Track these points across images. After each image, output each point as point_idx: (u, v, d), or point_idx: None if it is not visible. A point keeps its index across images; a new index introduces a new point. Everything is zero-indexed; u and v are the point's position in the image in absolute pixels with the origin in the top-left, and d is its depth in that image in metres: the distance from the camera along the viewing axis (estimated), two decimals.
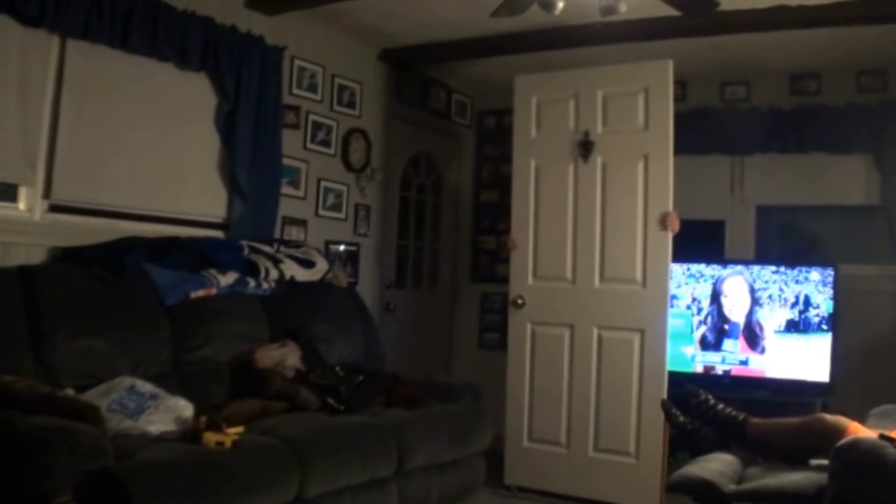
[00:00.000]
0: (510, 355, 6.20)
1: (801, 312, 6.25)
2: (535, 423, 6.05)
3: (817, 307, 6.21)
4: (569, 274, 6.00)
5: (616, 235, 5.85)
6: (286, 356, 5.09)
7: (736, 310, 6.43)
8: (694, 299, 6.51)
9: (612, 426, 5.78)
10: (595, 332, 5.89)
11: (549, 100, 6.14)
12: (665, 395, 5.36)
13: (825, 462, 3.19)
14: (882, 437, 3.14)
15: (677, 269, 6.39)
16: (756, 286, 6.38)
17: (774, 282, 6.34)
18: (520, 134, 6.23)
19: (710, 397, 4.26)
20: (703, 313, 6.49)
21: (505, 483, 6.05)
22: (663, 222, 5.67)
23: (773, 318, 6.32)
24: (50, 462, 3.15)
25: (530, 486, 6.00)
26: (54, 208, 4.85)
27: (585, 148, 5.93)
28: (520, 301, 6.10)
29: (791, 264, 6.43)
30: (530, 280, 6.11)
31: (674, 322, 6.12)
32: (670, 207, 5.69)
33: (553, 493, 5.89)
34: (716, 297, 6.48)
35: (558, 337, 6.00)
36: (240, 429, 3.96)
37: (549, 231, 6.08)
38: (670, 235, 5.69)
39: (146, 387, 4.17)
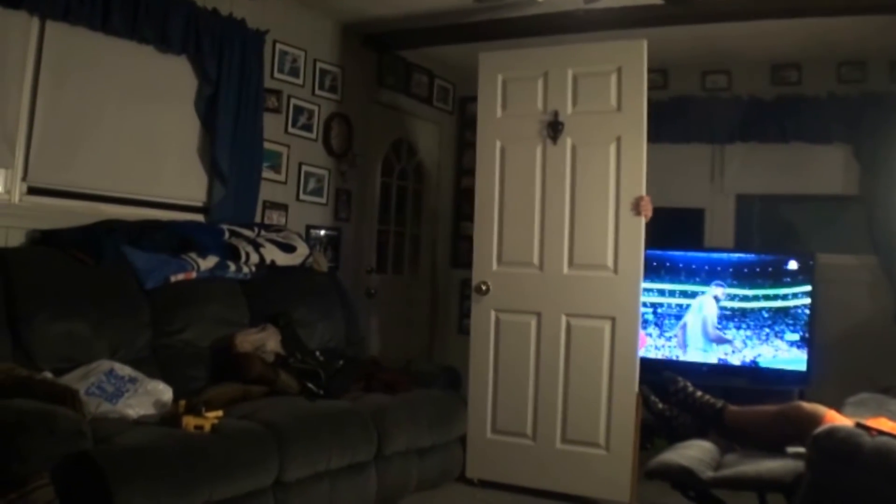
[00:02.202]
0: (473, 344, 5.91)
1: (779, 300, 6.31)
2: (500, 414, 5.79)
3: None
4: (536, 259, 5.74)
5: (586, 220, 5.61)
6: (266, 340, 5.08)
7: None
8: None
9: (581, 417, 5.56)
10: (564, 319, 5.65)
11: (515, 78, 5.87)
12: (637, 385, 5.33)
13: (802, 450, 3.22)
14: (858, 425, 3.16)
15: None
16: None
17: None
18: (484, 113, 5.97)
19: (689, 384, 4.29)
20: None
21: (466, 476, 5.78)
22: (636, 207, 5.44)
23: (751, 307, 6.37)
24: (27, 446, 3.14)
25: (494, 480, 5.75)
26: (33, 191, 4.82)
27: (554, 129, 5.68)
28: (484, 287, 5.84)
29: (770, 253, 6.46)
30: (495, 266, 5.86)
31: None
32: (643, 191, 5.47)
33: (518, 486, 5.66)
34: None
35: (524, 325, 5.76)
36: (219, 413, 3.96)
37: (516, 215, 5.83)
38: (643, 220, 5.48)
39: (125, 370, 4.16)
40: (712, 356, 6.50)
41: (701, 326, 6.54)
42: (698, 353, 6.57)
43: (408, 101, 7.70)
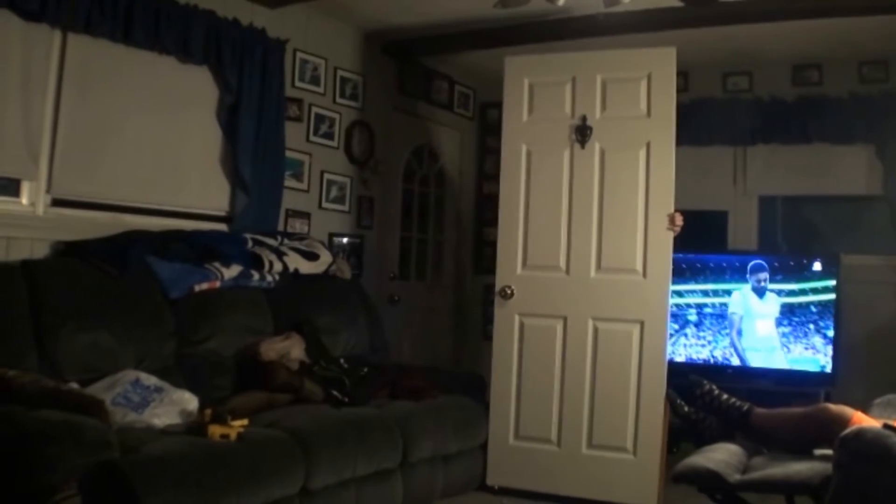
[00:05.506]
0: (495, 349, 5.83)
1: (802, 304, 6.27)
2: (523, 420, 5.71)
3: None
4: (562, 263, 5.70)
5: (615, 223, 5.60)
6: (290, 348, 5.10)
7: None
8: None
9: (608, 422, 5.52)
10: (591, 323, 5.61)
11: (543, 83, 5.86)
12: (665, 389, 5.31)
13: (829, 452, 3.20)
14: (886, 426, 3.14)
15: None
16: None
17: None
18: (510, 117, 5.93)
19: (715, 387, 4.28)
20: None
21: (487, 483, 5.66)
22: (669, 223, 5.44)
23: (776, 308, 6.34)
24: (55, 456, 3.16)
25: (516, 487, 5.65)
26: (57, 202, 4.86)
27: (583, 133, 5.67)
28: (508, 291, 5.77)
29: (794, 254, 6.43)
30: (519, 269, 5.80)
31: None
32: (673, 194, 5.47)
33: (541, 493, 5.58)
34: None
35: (550, 329, 5.71)
36: (245, 421, 3.97)
37: (542, 218, 5.79)
38: (672, 234, 5.48)
39: (151, 380, 4.18)
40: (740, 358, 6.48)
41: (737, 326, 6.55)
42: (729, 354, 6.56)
43: (428, 108, 7.71)
